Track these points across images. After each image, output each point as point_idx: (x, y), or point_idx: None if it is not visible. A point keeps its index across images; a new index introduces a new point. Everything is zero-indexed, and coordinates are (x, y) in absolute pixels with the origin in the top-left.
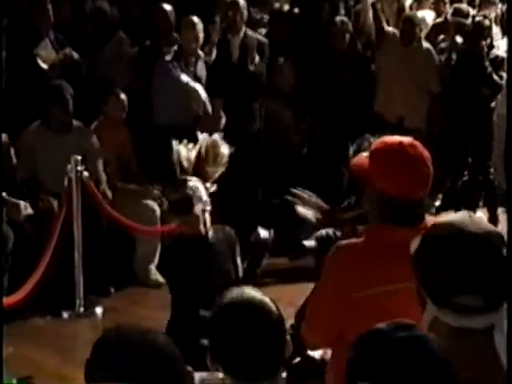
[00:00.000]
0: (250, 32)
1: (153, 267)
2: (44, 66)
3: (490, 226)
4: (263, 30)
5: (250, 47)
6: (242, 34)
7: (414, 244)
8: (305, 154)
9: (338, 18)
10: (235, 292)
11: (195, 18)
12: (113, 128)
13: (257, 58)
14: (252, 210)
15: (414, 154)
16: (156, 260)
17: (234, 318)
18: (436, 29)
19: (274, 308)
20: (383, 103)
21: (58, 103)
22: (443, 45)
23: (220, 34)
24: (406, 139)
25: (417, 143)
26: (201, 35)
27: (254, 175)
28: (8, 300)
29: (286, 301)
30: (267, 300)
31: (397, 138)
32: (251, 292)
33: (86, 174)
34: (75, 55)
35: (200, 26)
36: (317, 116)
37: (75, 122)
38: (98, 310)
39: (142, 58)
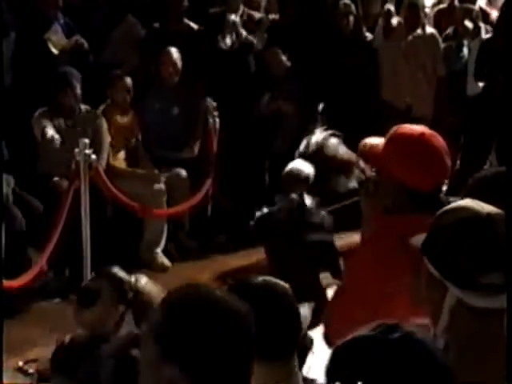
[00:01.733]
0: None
1: (159, 251)
2: (54, 50)
3: (493, 207)
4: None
5: None
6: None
7: (418, 237)
8: None
9: (341, 1)
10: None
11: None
12: (119, 112)
13: None
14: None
15: (435, 144)
16: (162, 244)
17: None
18: (440, 14)
19: (289, 291)
20: (391, 91)
21: (66, 89)
22: (449, 30)
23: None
24: (426, 129)
25: (436, 133)
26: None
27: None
28: (15, 283)
29: None
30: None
31: (416, 128)
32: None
33: (93, 157)
34: (85, 43)
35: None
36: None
37: (83, 106)
38: None
39: (151, 40)
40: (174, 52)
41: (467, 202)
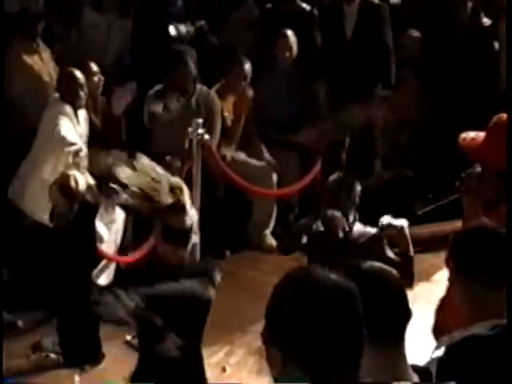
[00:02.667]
0: None
1: (268, 232)
2: (173, 32)
3: None
4: None
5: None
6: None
7: None
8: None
9: None
10: None
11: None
12: (233, 94)
13: None
14: None
15: None
16: (271, 225)
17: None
18: None
19: (397, 275)
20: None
21: (181, 67)
22: None
23: None
24: None
25: None
26: None
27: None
28: (126, 258)
29: None
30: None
31: None
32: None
33: (206, 136)
34: (205, 26)
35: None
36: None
37: (199, 86)
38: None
39: (264, 21)
40: (291, 35)
41: None
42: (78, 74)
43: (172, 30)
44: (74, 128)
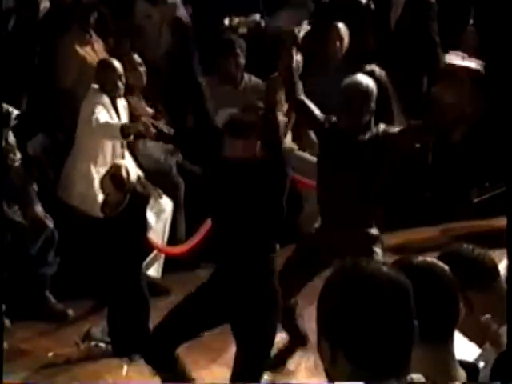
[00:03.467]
0: None
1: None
2: (226, 22)
3: None
4: None
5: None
6: None
7: None
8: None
9: None
10: None
11: None
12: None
13: None
14: None
15: None
16: None
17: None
18: None
19: (449, 272)
20: None
21: (229, 56)
22: None
23: None
24: None
25: None
26: None
27: None
28: (176, 249)
29: None
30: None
31: None
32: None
33: None
34: (262, 24)
35: None
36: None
37: (247, 76)
38: None
39: (318, 12)
40: (342, 27)
41: None
42: (116, 63)
43: (226, 21)
44: (110, 118)
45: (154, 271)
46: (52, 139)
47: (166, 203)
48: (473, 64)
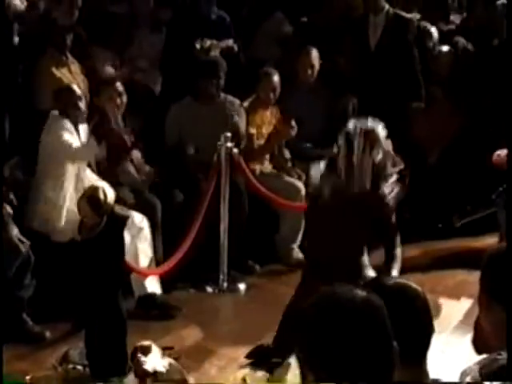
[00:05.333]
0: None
1: (295, 246)
2: (197, 46)
3: None
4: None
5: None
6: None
7: None
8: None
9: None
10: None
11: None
12: (263, 108)
13: None
14: None
15: None
16: (299, 239)
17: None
18: None
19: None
20: None
21: (212, 77)
22: None
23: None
24: None
25: None
26: None
27: None
28: (154, 270)
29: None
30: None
31: None
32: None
33: (235, 150)
34: (235, 47)
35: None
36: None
37: (224, 95)
38: (241, 287)
39: (299, 35)
40: (314, 52)
41: None
42: (75, 88)
43: (197, 44)
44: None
45: (153, 287)
46: (29, 161)
47: (141, 220)
48: None
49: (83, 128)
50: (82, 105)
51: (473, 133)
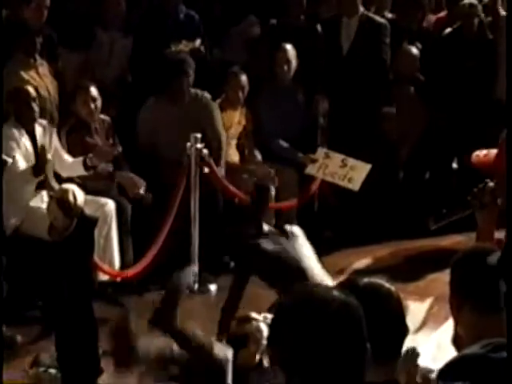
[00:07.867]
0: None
1: None
2: (172, 49)
3: None
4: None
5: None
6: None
7: None
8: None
9: (466, 1)
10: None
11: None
12: (232, 108)
13: None
14: None
15: None
16: None
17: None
18: None
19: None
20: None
21: (182, 75)
22: None
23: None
24: None
25: None
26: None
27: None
28: (125, 273)
29: None
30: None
31: None
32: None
33: (205, 151)
34: (202, 49)
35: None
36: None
37: (195, 91)
38: (212, 288)
39: (268, 37)
40: (290, 49)
41: None
42: (29, 89)
43: (172, 47)
44: (19, 148)
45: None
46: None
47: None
48: None
49: (39, 129)
50: (36, 105)
51: (443, 130)
